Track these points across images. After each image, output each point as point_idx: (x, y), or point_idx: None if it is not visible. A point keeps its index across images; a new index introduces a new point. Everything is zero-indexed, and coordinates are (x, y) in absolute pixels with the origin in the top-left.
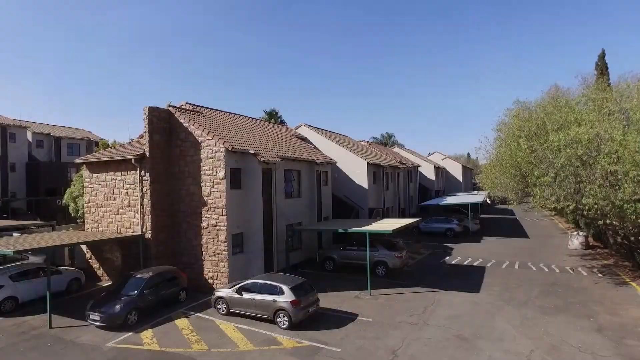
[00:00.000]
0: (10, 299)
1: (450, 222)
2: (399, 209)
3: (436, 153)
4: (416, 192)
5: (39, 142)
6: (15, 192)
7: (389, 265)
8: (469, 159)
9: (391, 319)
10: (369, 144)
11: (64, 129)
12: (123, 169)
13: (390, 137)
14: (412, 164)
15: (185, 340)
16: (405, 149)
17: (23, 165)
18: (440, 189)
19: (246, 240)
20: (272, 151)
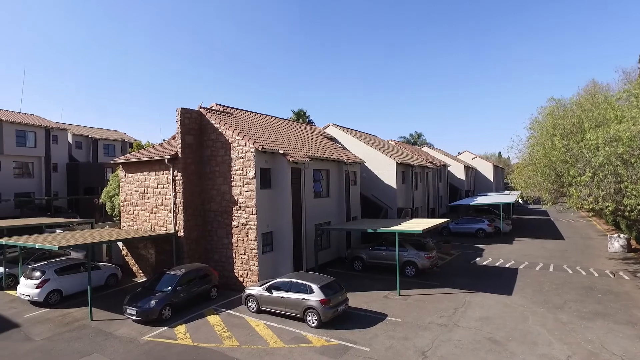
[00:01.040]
0: (55, 292)
1: (480, 222)
2: (429, 209)
3: (466, 152)
4: (446, 192)
5: (78, 144)
6: (57, 191)
7: (418, 265)
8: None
9: (420, 319)
10: (398, 144)
11: (101, 131)
12: (157, 169)
13: (419, 136)
14: (441, 164)
15: (217, 336)
16: (434, 148)
17: (64, 166)
18: (470, 189)
19: (276, 239)
20: (301, 151)
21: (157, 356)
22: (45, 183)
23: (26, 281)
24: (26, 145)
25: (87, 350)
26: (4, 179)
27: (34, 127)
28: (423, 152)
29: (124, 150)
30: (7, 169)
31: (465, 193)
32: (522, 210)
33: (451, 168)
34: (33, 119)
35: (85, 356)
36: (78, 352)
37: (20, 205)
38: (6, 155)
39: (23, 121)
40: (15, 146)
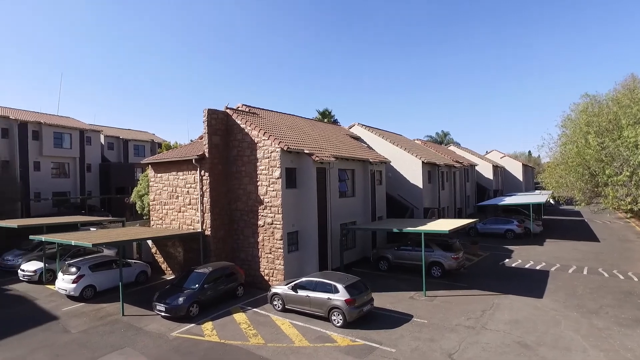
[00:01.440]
0: (90, 287)
1: (509, 223)
2: (455, 209)
3: (494, 151)
4: (473, 192)
5: (110, 145)
6: (90, 190)
7: (445, 266)
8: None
9: (447, 321)
10: (424, 143)
11: (131, 132)
12: (184, 169)
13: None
14: (468, 163)
15: (243, 333)
16: (461, 147)
17: (97, 166)
18: (498, 189)
19: (301, 239)
20: (327, 151)
21: (185, 352)
22: (79, 183)
23: (63, 276)
24: (62, 147)
25: (119, 344)
26: (43, 178)
27: (69, 130)
28: (450, 151)
29: (153, 150)
30: (46, 169)
31: (493, 193)
32: (554, 211)
33: (479, 167)
34: (69, 121)
35: (118, 349)
36: (111, 345)
37: (57, 203)
38: (45, 156)
39: (60, 124)
40: (53, 147)
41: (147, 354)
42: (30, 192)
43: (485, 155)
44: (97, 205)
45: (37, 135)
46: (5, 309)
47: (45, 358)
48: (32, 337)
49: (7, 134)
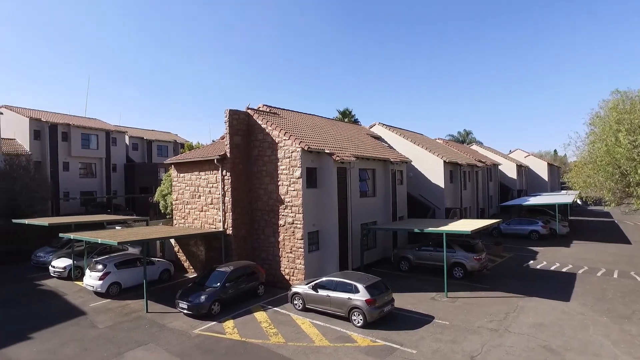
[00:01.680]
0: (115, 284)
1: (534, 223)
2: (478, 209)
3: (518, 150)
4: (496, 192)
5: (134, 145)
6: (116, 190)
7: (467, 267)
8: (556, 156)
9: (469, 323)
10: (445, 142)
11: (155, 133)
12: (206, 169)
13: (468, 134)
14: (491, 162)
15: (263, 332)
16: (483, 147)
17: (122, 166)
18: (522, 189)
19: (322, 238)
20: (347, 150)
21: (207, 349)
22: (105, 182)
23: (90, 273)
24: (90, 148)
25: (144, 340)
26: (71, 178)
27: (96, 131)
28: (472, 150)
29: (175, 150)
30: (74, 169)
31: (517, 193)
32: (581, 212)
33: (502, 167)
34: (95, 123)
35: (142, 345)
36: (136, 341)
37: (84, 203)
38: (73, 156)
39: (87, 125)
40: (81, 148)
41: (170, 350)
42: (60, 191)
43: (508, 155)
44: (122, 204)
45: (66, 136)
46: (38, 303)
47: (75, 351)
48: (63, 330)
49: (39, 136)
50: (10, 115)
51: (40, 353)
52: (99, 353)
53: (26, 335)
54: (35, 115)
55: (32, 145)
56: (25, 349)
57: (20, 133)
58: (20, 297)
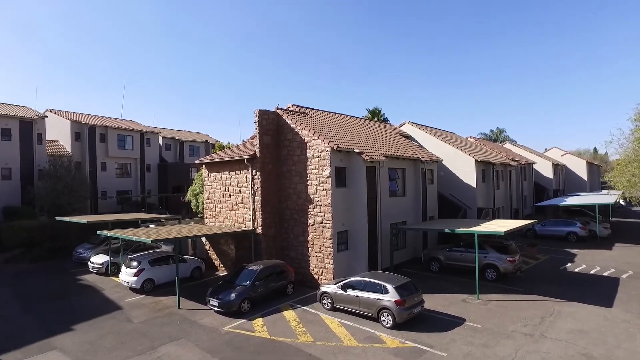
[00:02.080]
0: (149, 281)
1: (572, 225)
2: (511, 210)
3: (554, 149)
4: (531, 192)
5: (167, 146)
6: (150, 189)
7: (500, 269)
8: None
9: (502, 327)
10: (477, 141)
11: (187, 133)
12: (236, 169)
13: (501, 133)
14: (525, 161)
15: (292, 331)
16: (517, 145)
17: (156, 166)
18: (559, 188)
19: (351, 238)
20: (376, 150)
21: (237, 346)
22: (140, 182)
23: (126, 269)
24: (125, 148)
25: (175, 335)
26: (108, 178)
27: (131, 132)
28: (505, 149)
29: (207, 151)
30: (111, 169)
31: (553, 193)
32: (624, 213)
33: (537, 166)
34: (131, 124)
35: (174, 340)
36: (168, 336)
37: (120, 201)
38: (110, 157)
39: (123, 127)
40: (117, 149)
41: (201, 346)
42: (98, 190)
43: (544, 153)
44: (155, 203)
45: (103, 137)
46: (79, 297)
47: (112, 343)
48: (101, 323)
49: (79, 137)
50: (54, 118)
51: (81, 344)
52: (134, 346)
53: (69, 327)
54: (75, 117)
55: (73, 146)
56: (68, 339)
57: (63, 135)
58: (64, 290)
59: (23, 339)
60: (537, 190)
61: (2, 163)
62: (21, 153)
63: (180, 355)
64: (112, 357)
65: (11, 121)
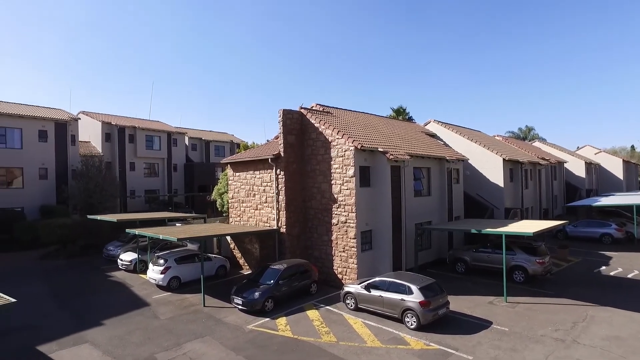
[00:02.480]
0: (175, 278)
1: (607, 226)
2: (541, 210)
3: (587, 147)
4: (562, 192)
5: (193, 146)
6: (176, 188)
7: (529, 271)
8: (634, 152)
9: (531, 331)
10: (505, 139)
11: (212, 134)
12: (261, 168)
13: (530, 131)
14: (555, 160)
15: (315, 330)
16: (547, 143)
17: (182, 166)
18: (592, 188)
19: (375, 238)
20: (401, 149)
21: (260, 345)
22: (167, 181)
23: (153, 267)
24: (153, 148)
25: (201, 332)
26: (137, 178)
27: (159, 132)
28: (534, 147)
29: (232, 150)
30: (139, 169)
31: (585, 192)
32: None
33: (568, 165)
34: (158, 125)
35: (199, 337)
36: (194, 333)
37: (148, 200)
38: (139, 157)
39: (151, 127)
40: (145, 149)
41: (225, 344)
42: (127, 189)
43: (576, 152)
44: (182, 202)
45: (132, 138)
46: (109, 293)
47: (140, 339)
48: (130, 319)
49: (110, 138)
50: (86, 120)
51: (111, 339)
52: (161, 342)
53: (100, 322)
54: (106, 119)
55: (104, 147)
56: (99, 333)
57: (94, 136)
58: (95, 286)
59: (59, 332)
60: (569, 190)
61: (39, 163)
62: (56, 154)
63: (204, 352)
64: (140, 352)
65: (47, 123)
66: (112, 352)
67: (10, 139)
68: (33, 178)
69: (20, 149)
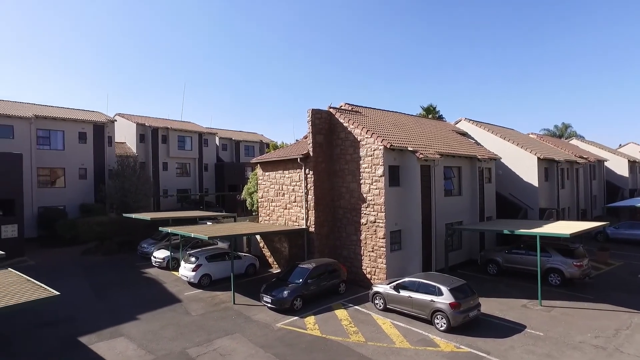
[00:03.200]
0: (206, 276)
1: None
2: (578, 211)
3: (630, 144)
4: (601, 191)
5: (223, 146)
6: (207, 188)
7: (565, 274)
8: None
9: (568, 337)
10: (540, 137)
11: (242, 134)
12: (290, 168)
13: (567, 128)
14: (595, 158)
15: (343, 330)
16: (585, 141)
17: (213, 166)
18: (636, 188)
19: (404, 238)
20: (431, 147)
21: (289, 343)
22: (198, 181)
23: (185, 265)
24: (185, 149)
25: (230, 329)
26: (169, 177)
27: (190, 133)
28: (571, 145)
29: (261, 150)
30: (172, 169)
31: (629, 192)
32: None
33: (609, 163)
34: (190, 125)
35: (229, 334)
36: (224, 330)
37: (180, 199)
38: (171, 157)
39: (183, 128)
40: (177, 150)
41: (255, 341)
42: (160, 189)
43: (618, 149)
44: (213, 201)
45: (165, 139)
46: (143, 289)
47: (172, 334)
48: (163, 315)
49: (144, 139)
50: (122, 122)
51: (145, 333)
52: (192, 338)
53: (134, 316)
54: (140, 120)
55: (138, 147)
56: (134, 327)
57: (129, 137)
58: (130, 282)
59: (97, 324)
60: (609, 190)
61: (79, 164)
62: (94, 155)
63: (234, 349)
64: (173, 346)
65: (87, 126)
66: (146, 346)
67: (54, 141)
68: (74, 178)
69: (63, 150)
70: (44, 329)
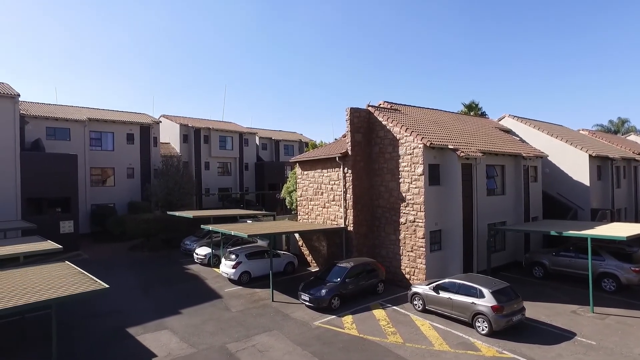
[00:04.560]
0: (246, 273)
1: None
2: (637, 212)
3: None
4: None
5: (263, 145)
6: (248, 187)
7: (621, 279)
8: None
9: (625, 347)
10: (592, 133)
11: (282, 133)
12: (328, 167)
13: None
14: None
15: (381, 330)
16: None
17: (253, 165)
18: None
19: (444, 238)
20: (473, 145)
21: (326, 341)
22: (239, 180)
23: (225, 262)
24: (226, 148)
25: (269, 326)
26: (211, 176)
27: (231, 133)
28: (629, 142)
29: (300, 149)
30: (213, 168)
31: None
32: None
33: None
34: (231, 126)
35: (267, 331)
36: (262, 327)
37: (221, 198)
38: (213, 157)
39: (224, 128)
40: (219, 149)
41: (292, 339)
42: (202, 187)
43: None
44: (253, 200)
45: (207, 139)
46: (186, 285)
47: (213, 329)
48: (204, 310)
49: (187, 139)
50: (166, 123)
51: (187, 327)
52: (232, 333)
53: (177, 310)
54: (183, 121)
55: (182, 147)
56: (177, 321)
57: (173, 137)
58: (173, 278)
59: (143, 317)
60: None
61: (127, 164)
62: (141, 155)
63: (272, 346)
64: (213, 341)
65: (134, 127)
66: (188, 340)
67: (105, 142)
68: (122, 177)
69: (112, 151)
70: (96, 319)
